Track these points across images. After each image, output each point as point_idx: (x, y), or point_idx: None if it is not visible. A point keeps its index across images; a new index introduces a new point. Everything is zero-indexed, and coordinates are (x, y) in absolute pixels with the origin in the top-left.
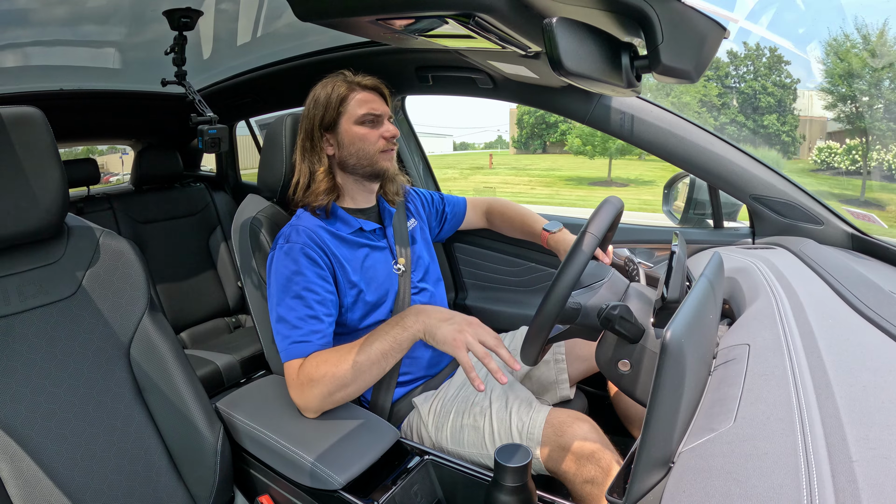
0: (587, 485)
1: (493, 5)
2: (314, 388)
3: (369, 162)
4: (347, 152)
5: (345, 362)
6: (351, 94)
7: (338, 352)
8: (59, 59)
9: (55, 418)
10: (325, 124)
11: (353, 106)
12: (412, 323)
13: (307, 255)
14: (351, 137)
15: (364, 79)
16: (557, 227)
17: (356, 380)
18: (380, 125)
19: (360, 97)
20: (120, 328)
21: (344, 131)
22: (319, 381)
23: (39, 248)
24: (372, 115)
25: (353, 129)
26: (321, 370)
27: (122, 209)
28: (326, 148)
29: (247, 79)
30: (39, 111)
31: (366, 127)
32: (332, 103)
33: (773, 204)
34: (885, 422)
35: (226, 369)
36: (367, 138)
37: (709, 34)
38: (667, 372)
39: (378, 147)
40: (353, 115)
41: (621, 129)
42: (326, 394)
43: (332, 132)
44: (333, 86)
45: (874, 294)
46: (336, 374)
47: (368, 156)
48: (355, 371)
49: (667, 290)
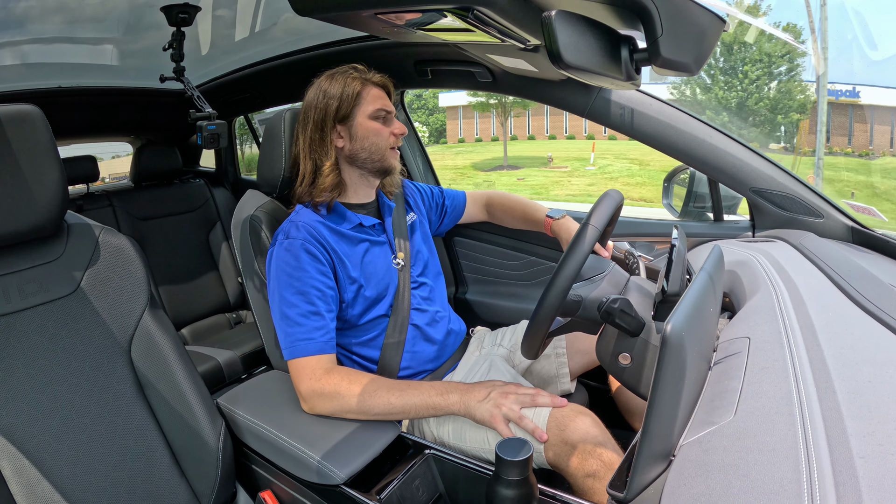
0: (589, 479)
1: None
2: (335, 399)
3: (380, 157)
4: (360, 146)
5: (380, 397)
6: (365, 88)
7: (375, 383)
8: (58, 56)
9: (57, 416)
10: (340, 116)
11: (368, 101)
12: (455, 401)
13: (307, 250)
14: (365, 131)
15: (374, 75)
16: (560, 214)
17: (376, 413)
18: (390, 122)
19: (374, 92)
20: (120, 325)
21: (358, 124)
22: (345, 395)
23: (39, 246)
24: (385, 111)
25: (368, 123)
26: (352, 389)
27: (122, 206)
28: (336, 140)
29: (245, 74)
30: (38, 109)
31: (379, 122)
32: (348, 96)
33: (773, 197)
34: (886, 415)
35: (227, 365)
36: (381, 133)
37: (708, 26)
38: (667, 365)
39: (389, 143)
40: (368, 109)
41: (621, 122)
42: (340, 411)
43: (344, 125)
44: (346, 79)
45: (874, 287)
46: (363, 403)
47: (380, 150)
48: (384, 410)
49: (667, 284)
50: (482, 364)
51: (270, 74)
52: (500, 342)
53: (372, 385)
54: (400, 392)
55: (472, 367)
